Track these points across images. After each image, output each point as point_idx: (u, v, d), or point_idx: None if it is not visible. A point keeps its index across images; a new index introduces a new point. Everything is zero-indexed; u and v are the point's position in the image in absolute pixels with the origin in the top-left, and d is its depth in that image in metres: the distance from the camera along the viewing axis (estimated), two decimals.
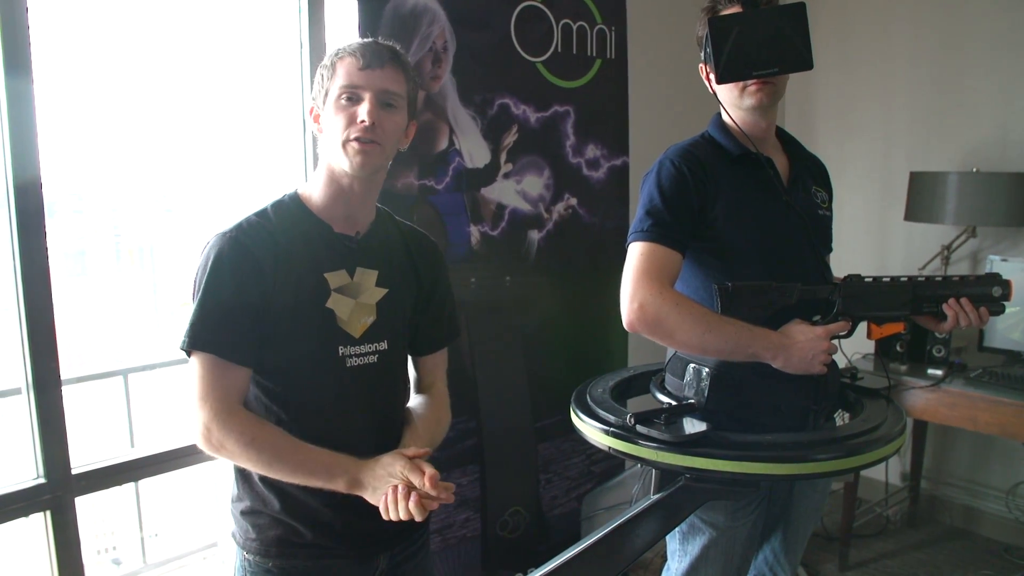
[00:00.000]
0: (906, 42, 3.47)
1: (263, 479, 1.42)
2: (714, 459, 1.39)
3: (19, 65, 1.87)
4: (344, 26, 2.33)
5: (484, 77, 2.45)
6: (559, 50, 2.62)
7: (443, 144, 2.38)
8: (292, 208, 1.43)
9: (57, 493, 1.99)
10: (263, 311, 1.35)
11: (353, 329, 1.42)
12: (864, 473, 3.40)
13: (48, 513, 1.99)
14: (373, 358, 1.44)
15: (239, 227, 1.37)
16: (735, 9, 1.57)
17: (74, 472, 2.03)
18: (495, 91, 2.48)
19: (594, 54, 2.73)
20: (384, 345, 1.46)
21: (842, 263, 1.91)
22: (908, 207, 3.16)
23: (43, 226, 1.94)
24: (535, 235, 2.64)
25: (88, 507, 2.14)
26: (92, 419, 2.95)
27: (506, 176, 2.54)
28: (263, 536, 1.44)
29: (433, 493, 1.26)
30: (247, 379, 1.38)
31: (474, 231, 2.47)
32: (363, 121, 1.34)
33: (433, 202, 2.37)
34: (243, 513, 1.46)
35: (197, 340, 1.32)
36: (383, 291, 1.46)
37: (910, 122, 3.50)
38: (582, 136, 2.72)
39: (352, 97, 1.36)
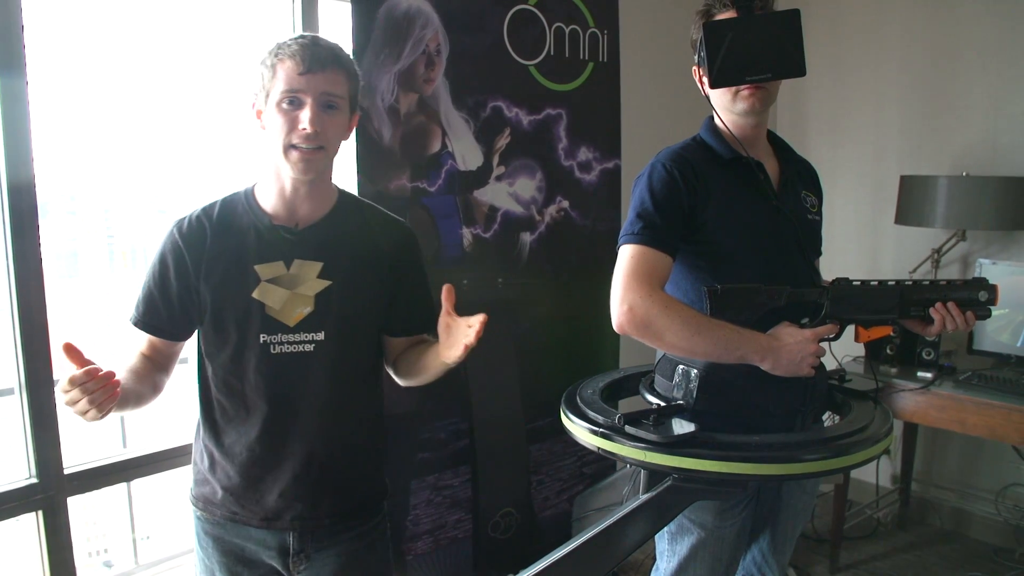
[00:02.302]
0: (897, 48, 3.50)
1: (204, 440, 1.57)
2: (702, 459, 1.40)
3: (13, 65, 1.88)
4: (337, 29, 2.34)
5: (477, 80, 2.46)
6: (552, 53, 2.63)
7: (436, 146, 2.39)
8: (241, 203, 1.52)
9: (49, 493, 1.99)
10: (191, 299, 1.49)
11: (287, 318, 1.48)
12: (855, 475, 3.42)
13: (40, 513, 2.00)
14: (308, 347, 1.49)
15: (179, 224, 1.50)
16: (730, 14, 1.58)
17: (66, 472, 2.03)
18: (488, 94, 2.49)
19: (586, 57, 2.74)
20: (321, 336, 1.50)
21: (833, 266, 1.93)
22: (898, 211, 3.18)
23: (37, 226, 1.94)
24: (527, 237, 2.66)
25: (79, 509, 2.14)
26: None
27: (498, 179, 2.55)
28: (196, 489, 1.60)
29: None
30: (174, 346, 1.55)
31: (466, 233, 2.48)
32: (304, 129, 1.38)
33: (426, 204, 2.38)
34: (192, 464, 1.63)
35: (132, 315, 1.53)
36: (325, 283, 1.50)
37: (901, 126, 3.52)
38: (574, 139, 2.74)
39: (294, 101, 1.39)
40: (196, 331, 1.55)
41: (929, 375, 2.88)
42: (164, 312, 1.49)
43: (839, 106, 3.71)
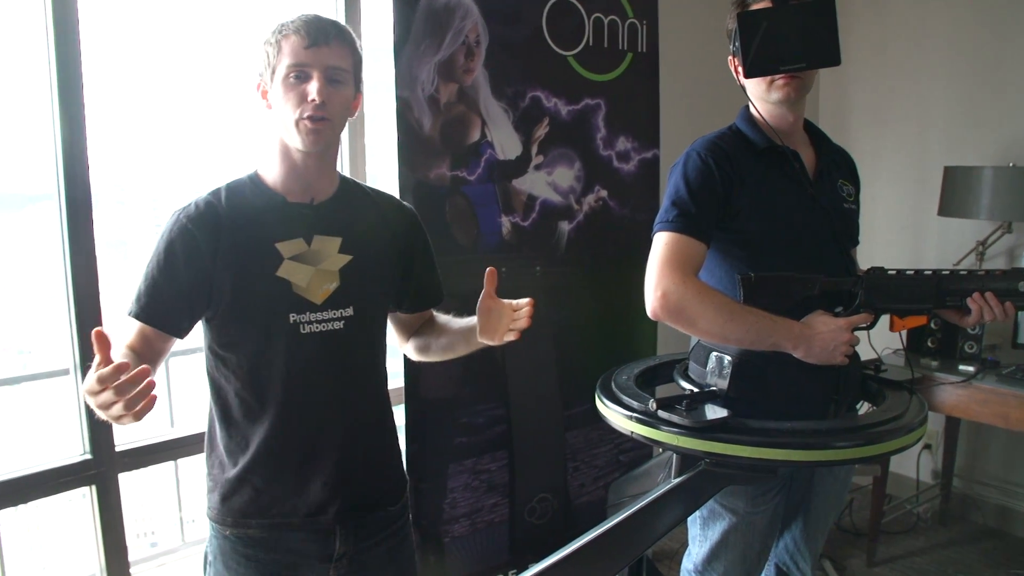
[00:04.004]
0: (943, 33, 3.44)
1: (224, 446, 1.48)
2: (732, 444, 1.43)
3: (70, 62, 1.96)
4: (379, 20, 2.38)
5: (516, 70, 2.48)
6: (590, 44, 2.64)
7: (475, 136, 2.42)
8: (248, 186, 1.48)
9: (102, 469, 2.08)
10: (201, 289, 1.41)
11: (314, 296, 1.44)
12: (894, 469, 3.39)
13: (93, 488, 2.09)
14: (338, 324, 1.46)
15: (187, 210, 1.43)
16: (765, 4, 1.59)
17: (118, 449, 2.12)
18: (527, 84, 2.51)
19: (625, 48, 2.75)
20: (350, 311, 1.47)
21: (875, 258, 1.91)
22: (942, 202, 3.13)
23: (91, 215, 2.03)
24: (565, 226, 2.68)
25: (129, 492, 2.22)
26: None
27: (537, 168, 2.57)
28: (222, 507, 1.49)
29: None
30: (167, 342, 1.45)
31: (505, 222, 2.51)
32: (313, 100, 1.37)
33: (465, 193, 2.42)
34: (208, 480, 1.52)
35: (132, 307, 1.43)
36: (347, 258, 1.47)
37: (946, 115, 3.47)
38: (613, 129, 2.75)
39: (300, 75, 1.38)
40: (203, 326, 1.47)
41: (971, 369, 2.84)
42: (171, 302, 1.41)
43: (882, 94, 3.66)
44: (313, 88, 1.37)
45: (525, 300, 1.43)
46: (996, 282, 1.60)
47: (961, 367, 2.87)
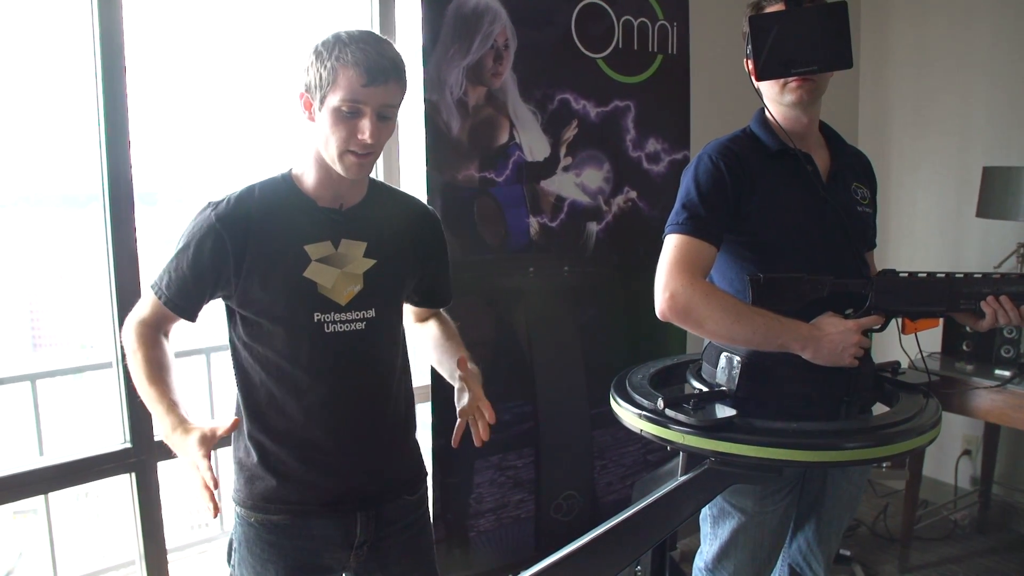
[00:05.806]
0: (986, 34, 3.37)
1: (249, 432, 1.55)
2: (737, 444, 1.45)
3: (114, 70, 2.05)
4: (409, 26, 2.44)
5: (545, 73, 2.51)
6: (620, 46, 2.67)
7: (504, 138, 2.46)
8: (281, 186, 1.53)
9: (141, 457, 2.18)
10: (227, 286, 1.48)
11: (338, 297, 1.50)
12: (931, 475, 3.34)
13: (133, 475, 2.19)
14: (360, 324, 1.52)
15: (217, 209, 1.48)
16: (778, 7, 1.61)
17: (157, 439, 2.20)
18: (555, 87, 2.55)
19: (655, 50, 2.76)
20: (372, 313, 1.53)
21: (915, 260, 1.91)
22: (980, 203, 3.07)
23: (132, 215, 2.12)
24: (594, 227, 2.70)
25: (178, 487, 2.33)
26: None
27: (566, 169, 2.61)
28: (246, 490, 1.56)
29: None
30: (174, 321, 1.55)
31: (533, 222, 2.55)
32: (364, 139, 1.40)
33: (493, 194, 2.46)
34: (234, 464, 1.59)
35: (155, 284, 1.52)
36: (371, 262, 1.53)
37: (987, 116, 3.39)
38: (643, 130, 2.76)
39: (354, 112, 1.40)
40: (229, 320, 1.55)
41: (1007, 373, 2.79)
42: (194, 295, 1.50)
43: (923, 94, 3.59)
44: (366, 128, 1.40)
45: (490, 415, 1.51)
46: (1012, 286, 1.59)
47: (997, 371, 2.82)
